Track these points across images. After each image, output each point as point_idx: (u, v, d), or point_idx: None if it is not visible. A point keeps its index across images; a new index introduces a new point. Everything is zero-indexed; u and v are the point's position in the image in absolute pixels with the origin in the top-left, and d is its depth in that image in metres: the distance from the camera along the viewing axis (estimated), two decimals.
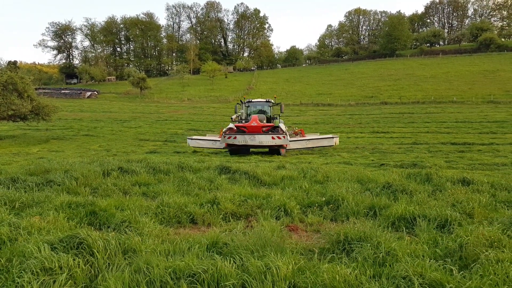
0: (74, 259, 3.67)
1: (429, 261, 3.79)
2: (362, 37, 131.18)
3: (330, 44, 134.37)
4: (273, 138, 18.27)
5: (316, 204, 6.66)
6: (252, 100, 23.01)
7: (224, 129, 19.99)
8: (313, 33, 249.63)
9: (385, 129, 32.43)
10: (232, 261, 3.74)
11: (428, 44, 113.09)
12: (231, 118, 21.63)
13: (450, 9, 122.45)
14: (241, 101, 22.46)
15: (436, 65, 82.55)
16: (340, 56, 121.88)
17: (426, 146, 22.44)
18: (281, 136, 18.40)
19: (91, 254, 3.89)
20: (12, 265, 3.60)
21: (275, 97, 23.82)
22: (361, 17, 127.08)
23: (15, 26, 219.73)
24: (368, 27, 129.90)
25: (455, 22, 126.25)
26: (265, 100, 22.66)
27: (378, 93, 60.69)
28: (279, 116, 21.47)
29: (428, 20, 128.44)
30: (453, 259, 3.95)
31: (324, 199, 6.88)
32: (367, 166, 13.24)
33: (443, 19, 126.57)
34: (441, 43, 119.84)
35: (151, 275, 3.53)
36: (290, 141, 20.76)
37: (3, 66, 44.53)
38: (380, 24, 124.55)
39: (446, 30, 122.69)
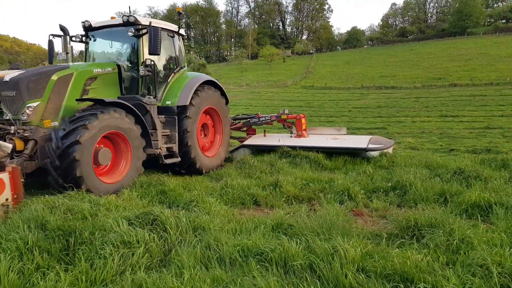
0: (149, 234, 3.92)
1: (509, 250, 3.54)
2: (429, 15, 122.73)
3: (394, 23, 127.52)
4: None
5: (382, 190, 6.50)
6: (94, 25, 8.44)
7: None
8: (376, 12, 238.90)
9: (455, 112, 30.42)
10: (298, 242, 3.78)
11: (504, 21, 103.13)
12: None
13: None
14: (62, 29, 8.27)
15: None
16: (405, 36, 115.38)
17: (500, 130, 20.75)
18: None
19: (164, 230, 4.13)
20: (94, 238, 3.88)
21: (179, 13, 10.99)
22: None
23: (86, 16, 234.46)
24: (436, 4, 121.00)
25: None
26: (124, 19, 7.93)
27: (447, 75, 56.77)
28: (183, 66, 9.24)
29: None
30: None
31: (390, 184, 6.68)
32: (435, 152, 12.57)
33: None
34: None
35: (221, 251, 3.68)
36: (246, 145, 10.93)
37: (76, 56, 47.68)
38: (449, 0, 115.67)
39: None
